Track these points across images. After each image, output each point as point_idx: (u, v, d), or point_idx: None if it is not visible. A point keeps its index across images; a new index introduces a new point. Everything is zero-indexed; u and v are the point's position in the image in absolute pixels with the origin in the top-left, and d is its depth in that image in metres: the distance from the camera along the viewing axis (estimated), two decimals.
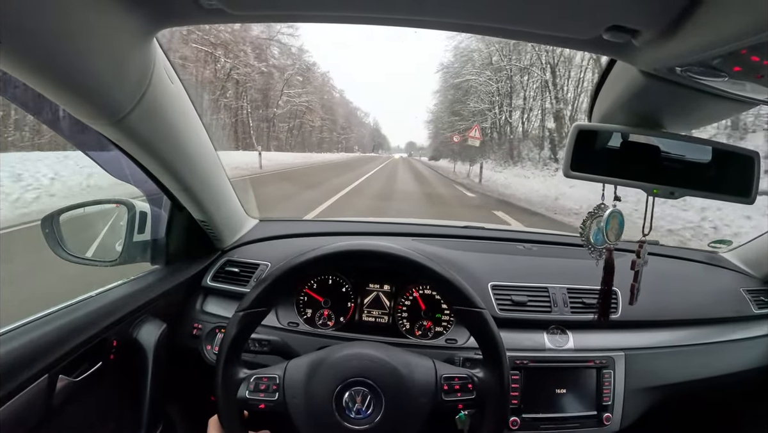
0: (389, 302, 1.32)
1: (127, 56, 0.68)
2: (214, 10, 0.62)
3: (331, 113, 50.92)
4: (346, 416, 0.80)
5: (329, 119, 49.57)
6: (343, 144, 60.22)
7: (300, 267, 0.89)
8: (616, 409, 1.16)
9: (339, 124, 54.35)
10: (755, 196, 0.76)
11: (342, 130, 54.49)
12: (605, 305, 0.91)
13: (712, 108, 0.73)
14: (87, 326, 0.91)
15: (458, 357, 1.12)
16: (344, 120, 58.71)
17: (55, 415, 0.83)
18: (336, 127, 53.15)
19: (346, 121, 59.60)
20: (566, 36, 0.62)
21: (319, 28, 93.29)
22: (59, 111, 0.79)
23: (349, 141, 62.02)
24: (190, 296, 1.29)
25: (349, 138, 61.57)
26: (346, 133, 58.86)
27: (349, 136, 61.73)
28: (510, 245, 1.55)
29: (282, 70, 35.80)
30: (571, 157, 0.77)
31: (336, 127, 53.24)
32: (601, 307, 0.92)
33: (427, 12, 0.61)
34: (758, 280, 1.51)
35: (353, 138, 65.38)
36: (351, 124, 62.64)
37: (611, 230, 0.81)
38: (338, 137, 55.15)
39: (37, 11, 0.52)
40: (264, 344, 1.04)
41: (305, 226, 1.71)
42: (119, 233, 1.17)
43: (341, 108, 57.12)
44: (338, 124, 54.27)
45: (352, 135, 63.36)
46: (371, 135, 77.06)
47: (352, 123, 63.39)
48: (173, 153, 0.94)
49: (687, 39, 0.52)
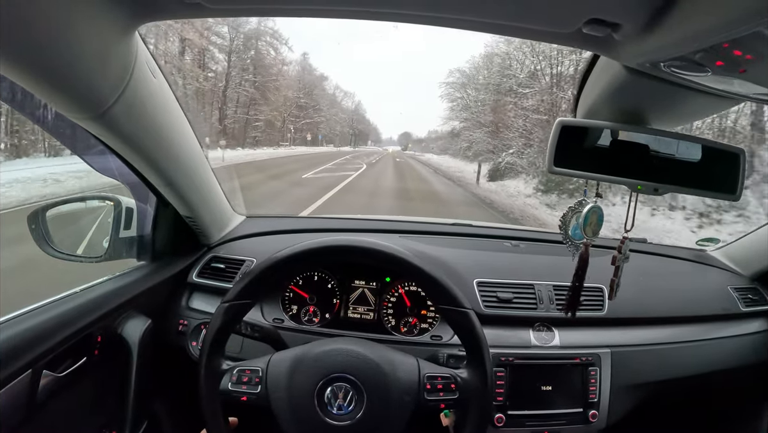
0: (375, 298, 1.32)
1: (109, 50, 0.68)
2: (194, 5, 0.62)
3: (296, 95, 39.57)
4: (327, 411, 0.80)
5: (285, 104, 37.41)
6: (317, 132, 45.42)
7: (287, 259, 0.89)
8: (603, 406, 1.16)
9: (294, 105, 40.48)
10: (741, 193, 0.76)
11: (295, 118, 40.13)
12: (574, 298, 0.91)
13: (697, 104, 0.73)
14: (71, 321, 0.90)
15: (443, 354, 1.12)
16: (310, 102, 43.57)
17: (38, 410, 0.83)
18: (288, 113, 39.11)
19: (311, 102, 43.94)
20: (546, 30, 0.62)
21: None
22: (42, 105, 0.79)
23: (316, 129, 45.79)
24: (175, 292, 1.29)
25: (317, 125, 45.66)
26: (310, 116, 43.41)
27: (315, 123, 45.16)
28: (497, 242, 1.56)
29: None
30: (554, 153, 0.77)
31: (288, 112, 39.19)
32: (570, 300, 0.91)
33: (405, 6, 0.61)
34: (745, 278, 1.52)
35: (323, 125, 48.26)
36: (318, 108, 46.18)
37: (589, 226, 0.82)
38: (300, 123, 41.12)
39: (17, 4, 0.51)
40: (256, 330, 1.03)
41: (292, 222, 1.70)
42: (107, 229, 1.16)
43: (308, 86, 42.90)
44: (293, 105, 40.22)
45: (319, 121, 46.28)
46: (351, 122, 61.47)
47: (320, 106, 46.78)
48: (156, 148, 0.93)
49: (668, 33, 0.52)
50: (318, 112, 46.73)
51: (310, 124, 44.20)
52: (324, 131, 50.17)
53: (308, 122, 43.77)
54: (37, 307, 0.89)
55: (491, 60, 21.69)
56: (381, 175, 18.47)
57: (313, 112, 45.26)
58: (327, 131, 51.56)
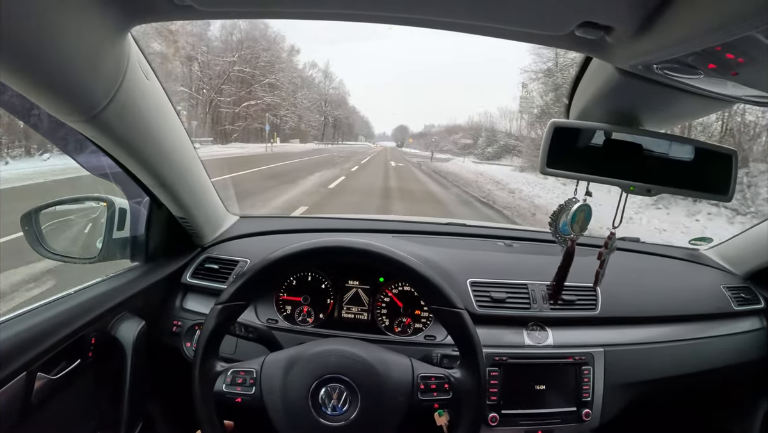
0: (368, 298, 1.32)
1: (101, 52, 0.68)
2: (185, 7, 0.63)
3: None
4: (321, 412, 0.80)
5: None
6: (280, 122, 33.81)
7: (281, 261, 0.89)
8: (596, 405, 1.16)
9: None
10: (732, 194, 0.77)
11: (231, 99, 28.94)
12: (557, 288, 0.94)
13: (689, 106, 0.74)
14: (65, 323, 0.90)
15: (436, 354, 1.12)
16: (258, 75, 31.57)
17: (33, 413, 0.83)
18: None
19: (260, 75, 31.81)
20: (539, 33, 0.62)
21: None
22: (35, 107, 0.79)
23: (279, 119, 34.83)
24: (169, 293, 1.28)
25: (274, 110, 33.85)
26: (258, 97, 31.01)
27: (273, 108, 33.35)
28: (490, 241, 1.56)
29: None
30: (547, 154, 0.77)
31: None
32: (553, 289, 0.95)
33: (397, 9, 0.61)
34: (738, 277, 1.53)
35: (290, 115, 36.51)
36: (277, 86, 33.70)
37: (577, 223, 0.84)
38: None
39: (5, 6, 0.51)
40: (251, 330, 1.03)
41: (286, 222, 1.70)
42: (101, 230, 1.16)
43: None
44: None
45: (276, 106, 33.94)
46: (323, 107, 46.77)
47: (280, 82, 34.29)
48: (150, 149, 0.93)
49: (661, 36, 0.52)
50: (273, 91, 33.24)
51: (258, 110, 31.40)
52: (293, 122, 37.89)
53: (256, 106, 31.09)
54: (30, 309, 0.88)
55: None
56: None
57: (268, 92, 31.98)
58: (297, 122, 39.35)
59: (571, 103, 0.85)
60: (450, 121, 56.45)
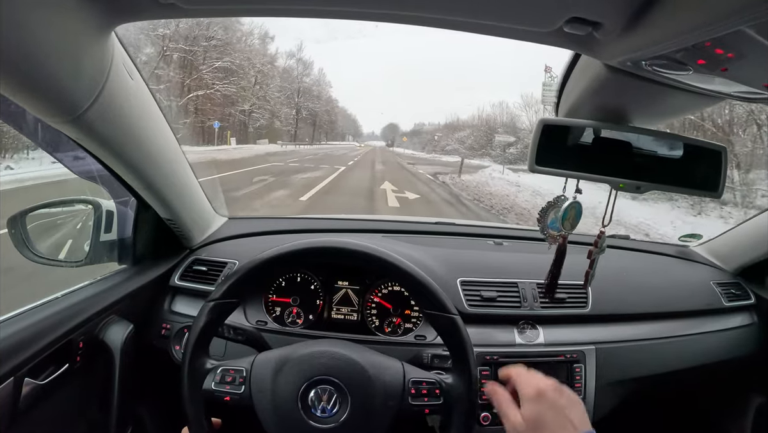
0: (358, 299, 1.31)
1: (83, 51, 0.67)
2: (169, 5, 0.62)
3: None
4: (311, 414, 0.79)
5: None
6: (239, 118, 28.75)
7: (274, 259, 0.88)
8: (588, 402, 1.16)
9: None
10: (722, 190, 0.77)
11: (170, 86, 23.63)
12: (551, 285, 0.94)
13: (678, 102, 0.74)
14: (52, 327, 0.89)
15: (427, 354, 1.11)
16: (212, 56, 26.26)
17: (21, 419, 0.82)
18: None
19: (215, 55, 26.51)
20: (527, 29, 0.62)
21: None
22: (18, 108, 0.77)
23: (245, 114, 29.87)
24: (158, 295, 1.27)
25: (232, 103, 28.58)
26: (209, 86, 26.07)
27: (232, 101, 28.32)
28: (480, 240, 1.56)
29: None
30: (536, 152, 0.77)
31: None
32: (547, 288, 0.95)
33: (384, 5, 0.61)
34: (728, 273, 1.53)
35: (258, 111, 31.37)
36: (236, 73, 28.26)
37: (568, 220, 0.83)
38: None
39: None
40: (240, 333, 1.02)
41: (274, 223, 1.69)
42: (88, 233, 1.15)
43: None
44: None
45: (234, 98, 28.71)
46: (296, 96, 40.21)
47: (244, 69, 29.05)
48: (135, 150, 0.92)
49: (650, 32, 0.52)
50: (229, 77, 27.00)
51: (215, 104, 25.35)
52: (265, 119, 32.34)
53: (207, 98, 24.98)
54: (17, 313, 0.87)
55: None
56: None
57: (221, 79, 25.63)
58: (269, 120, 33.91)
59: (560, 100, 0.84)
60: (450, 119, 53.13)
